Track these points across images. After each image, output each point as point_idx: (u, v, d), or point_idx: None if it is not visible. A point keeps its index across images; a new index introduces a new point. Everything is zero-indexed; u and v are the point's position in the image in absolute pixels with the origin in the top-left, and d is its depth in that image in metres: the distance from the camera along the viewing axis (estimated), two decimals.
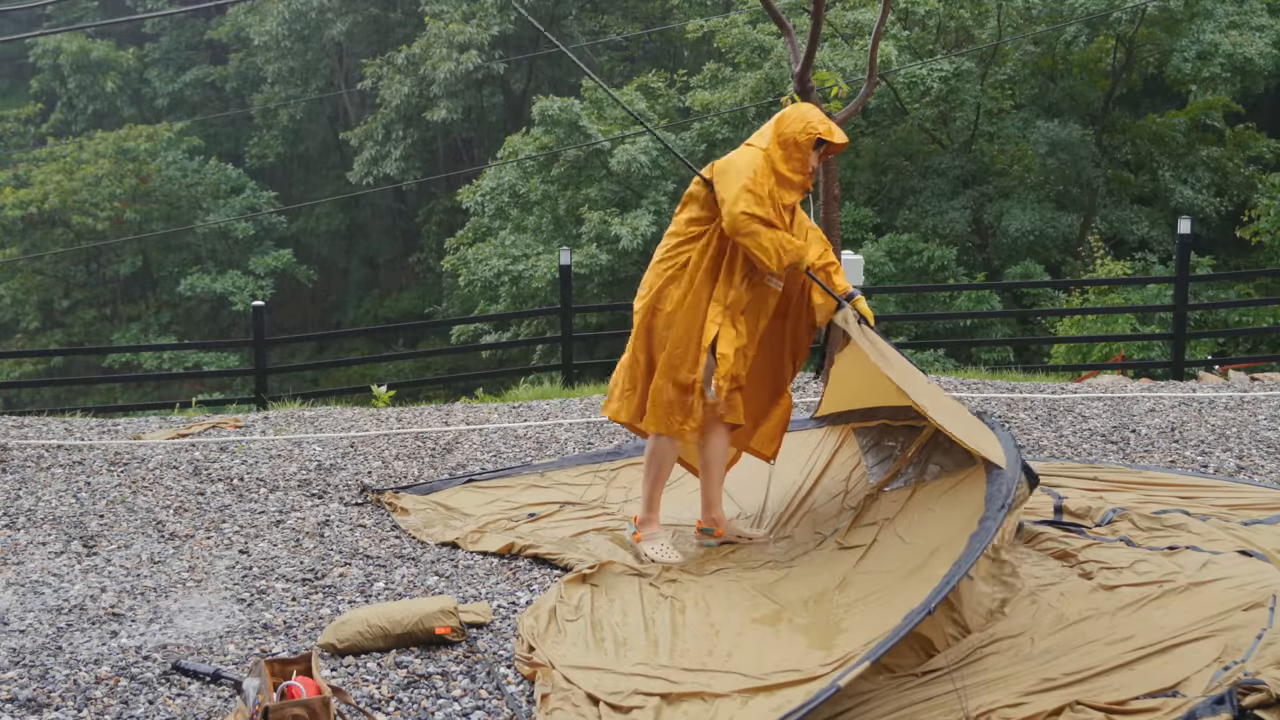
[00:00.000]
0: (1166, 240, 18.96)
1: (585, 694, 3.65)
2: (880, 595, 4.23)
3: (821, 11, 8.68)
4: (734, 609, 4.35)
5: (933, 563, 4.21)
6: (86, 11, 33.16)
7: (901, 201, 20.91)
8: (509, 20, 26.51)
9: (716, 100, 21.00)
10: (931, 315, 17.67)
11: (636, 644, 4.06)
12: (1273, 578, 4.23)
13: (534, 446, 7.49)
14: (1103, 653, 3.75)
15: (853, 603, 4.27)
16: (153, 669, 3.99)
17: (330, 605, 4.62)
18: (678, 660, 3.91)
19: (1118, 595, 4.22)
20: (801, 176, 4.95)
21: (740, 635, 4.11)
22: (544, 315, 19.19)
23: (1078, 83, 20.98)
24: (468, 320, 21.41)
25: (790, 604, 4.39)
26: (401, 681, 3.88)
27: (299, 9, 29.63)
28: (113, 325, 28.77)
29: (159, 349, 24.74)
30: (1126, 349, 14.32)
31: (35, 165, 28.04)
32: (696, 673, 3.79)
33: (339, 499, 6.30)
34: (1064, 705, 3.38)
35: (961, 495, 4.59)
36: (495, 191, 22.29)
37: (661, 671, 3.80)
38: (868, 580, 4.45)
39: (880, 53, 15.35)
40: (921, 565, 4.27)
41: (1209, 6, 18.81)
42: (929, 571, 4.14)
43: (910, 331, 18.02)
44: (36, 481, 6.65)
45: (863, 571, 4.57)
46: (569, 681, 3.73)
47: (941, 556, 4.20)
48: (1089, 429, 7.41)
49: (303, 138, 33.22)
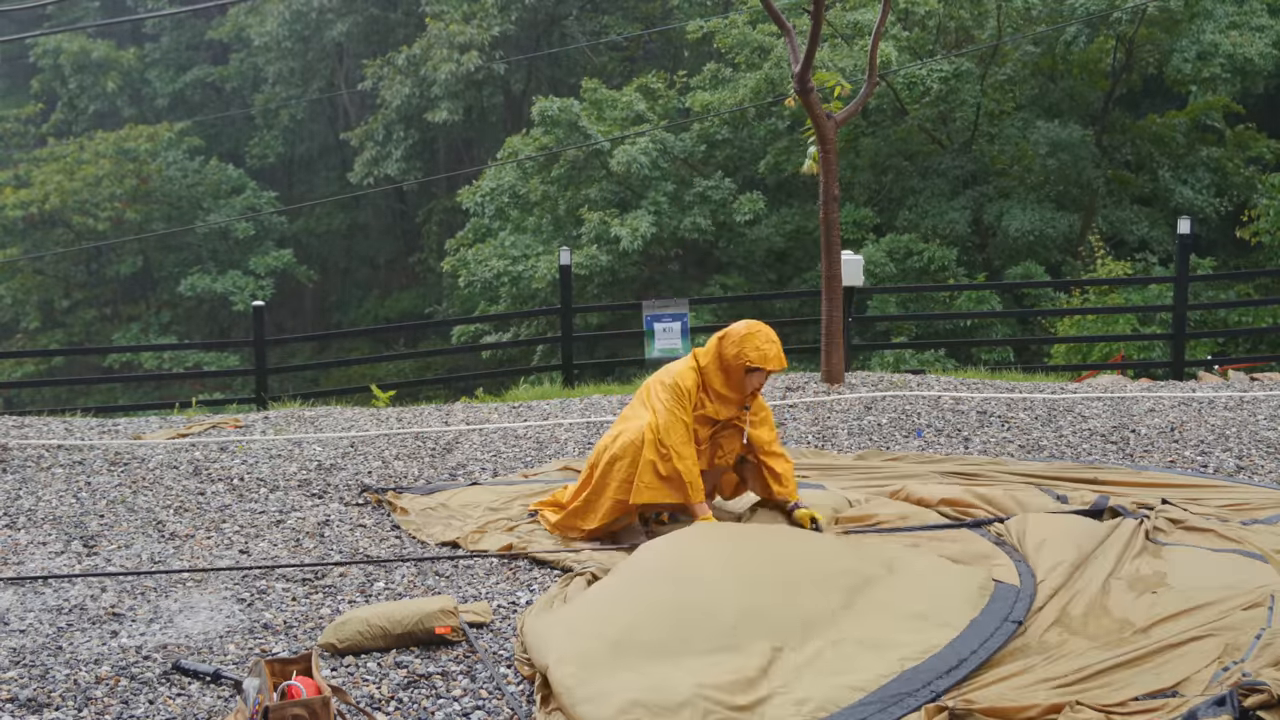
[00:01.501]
0: (1166, 240, 18.95)
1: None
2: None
3: (821, 12, 8.68)
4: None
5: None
6: (87, 11, 33.16)
7: (901, 202, 20.91)
8: (509, 21, 26.52)
9: (716, 101, 21.00)
10: (932, 315, 17.67)
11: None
12: (1271, 578, 4.23)
13: (534, 446, 7.50)
14: (1102, 652, 3.75)
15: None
16: (153, 669, 3.99)
17: (330, 605, 4.62)
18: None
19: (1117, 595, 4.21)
20: (737, 395, 5.29)
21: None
22: (544, 315, 19.19)
23: (1078, 83, 20.98)
24: (468, 320, 21.41)
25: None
26: (401, 681, 3.88)
27: (299, 9, 29.64)
28: (113, 325, 28.77)
29: (159, 349, 24.75)
30: (1126, 349, 14.32)
31: (36, 165, 28.05)
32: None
33: (339, 499, 6.30)
34: (1063, 704, 3.38)
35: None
36: (495, 192, 22.28)
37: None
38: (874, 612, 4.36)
39: (880, 53, 15.35)
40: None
41: (1209, 7, 18.80)
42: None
43: (910, 331, 18.02)
44: (37, 481, 6.65)
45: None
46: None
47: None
48: (1089, 429, 7.41)
49: (303, 138, 33.22)
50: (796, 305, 19.27)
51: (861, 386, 8.99)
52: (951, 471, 6.28)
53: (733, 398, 5.26)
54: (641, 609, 3.99)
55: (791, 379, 9.41)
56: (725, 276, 21.28)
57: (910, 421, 7.83)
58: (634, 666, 3.64)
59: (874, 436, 7.51)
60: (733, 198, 20.68)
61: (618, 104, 21.90)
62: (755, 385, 5.28)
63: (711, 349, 5.32)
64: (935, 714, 3.40)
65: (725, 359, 5.25)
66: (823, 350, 9.15)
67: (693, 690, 3.47)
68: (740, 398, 5.27)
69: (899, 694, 3.54)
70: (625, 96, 22.06)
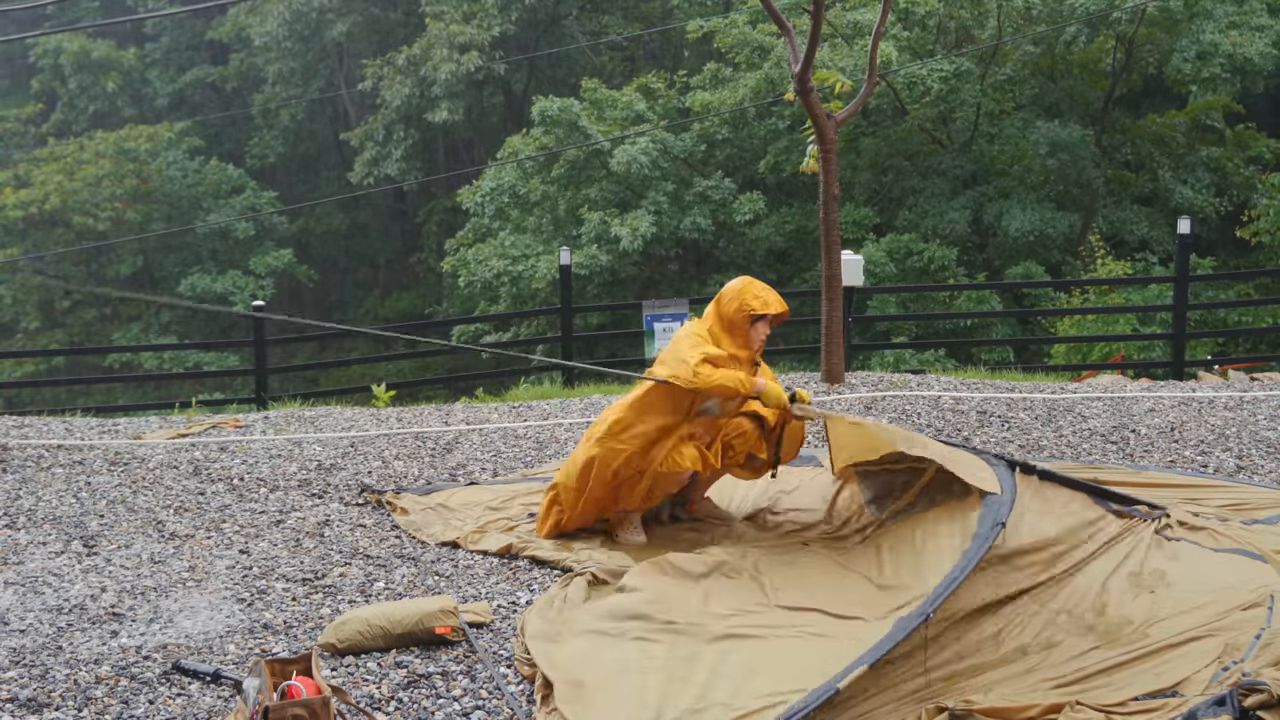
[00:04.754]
0: (1166, 240, 18.95)
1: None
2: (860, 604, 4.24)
3: (821, 12, 8.68)
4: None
5: (922, 578, 4.22)
6: (87, 11, 33.15)
7: (901, 201, 20.91)
8: (509, 21, 26.51)
9: (716, 101, 20.99)
10: (932, 315, 17.68)
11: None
12: (1271, 578, 4.23)
13: (534, 446, 7.50)
14: (1102, 652, 3.75)
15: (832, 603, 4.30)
16: (153, 669, 3.99)
17: (330, 605, 4.62)
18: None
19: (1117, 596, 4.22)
20: (747, 351, 5.31)
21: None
22: (544, 315, 19.18)
23: (1078, 83, 20.97)
24: (468, 320, 21.41)
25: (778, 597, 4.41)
26: (401, 681, 3.88)
27: (299, 9, 29.63)
28: (113, 325, 28.76)
29: (159, 349, 24.74)
30: (1126, 349, 14.32)
31: (36, 165, 28.04)
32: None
33: (339, 499, 6.31)
34: (1063, 704, 3.38)
35: (956, 518, 4.61)
36: (495, 192, 22.28)
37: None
38: (855, 585, 4.46)
39: (880, 53, 15.35)
40: (906, 584, 4.28)
41: (1209, 6, 18.80)
42: (916, 588, 4.16)
43: (910, 331, 18.02)
44: (37, 481, 6.65)
45: (850, 578, 4.57)
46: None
47: (927, 574, 4.21)
48: (1089, 429, 7.41)
49: (303, 138, 33.22)
50: (796, 305, 19.25)
51: (861, 386, 8.99)
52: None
53: (742, 355, 5.29)
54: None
55: (791, 379, 9.41)
56: (725, 276, 21.25)
57: (910, 421, 7.83)
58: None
59: None
60: (733, 197, 20.68)
61: (618, 104, 21.90)
62: (762, 336, 5.34)
63: (710, 313, 5.39)
64: (936, 714, 3.41)
65: (727, 316, 5.30)
66: (823, 350, 9.15)
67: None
68: (750, 354, 5.32)
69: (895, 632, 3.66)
70: (625, 96, 22.05)
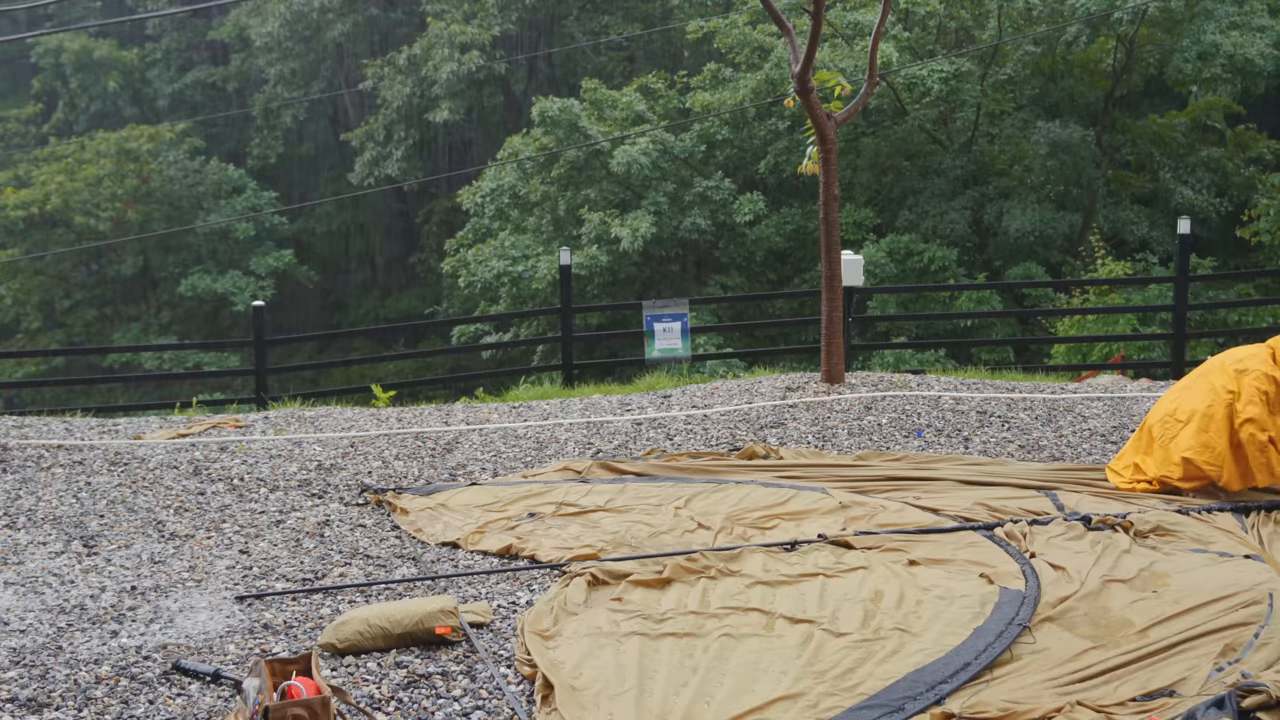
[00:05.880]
0: (1167, 240, 18.95)
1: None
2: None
3: (821, 12, 8.68)
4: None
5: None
6: (88, 11, 33.17)
7: (902, 202, 20.90)
8: (510, 21, 26.51)
9: (716, 101, 20.99)
10: (932, 315, 17.67)
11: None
12: (1269, 578, 4.23)
13: (534, 446, 7.50)
14: (1102, 652, 3.75)
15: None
16: (153, 669, 3.99)
17: (330, 605, 4.62)
18: None
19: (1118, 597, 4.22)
20: None
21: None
22: (544, 315, 19.18)
23: (1078, 83, 20.96)
24: (468, 320, 21.41)
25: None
26: (401, 681, 3.89)
27: (300, 10, 29.64)
28: (113, 325, 28.78)
29: (159, 349, 24.75)
30: (1126, 349, 14.32)
31: (37, 165, 28.06)
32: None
33: (339, 499, 6.31)
34: (1062, 704, 3.38)
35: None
36: (495, 193, 22.28)
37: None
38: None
39: (880, 53, 15.35)
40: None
41: (1210, 7, 18.79)
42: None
43: (911, 331, 18.02)
44: (37, 481, 6.65)
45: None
46: None
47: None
48: (1089, 429, 7.42)
49: (304, 138, 33.24)
50: (796, 305, 19.27)
51: (862, 386, 8.99)
52: (945, 477, 6.27)
53: None
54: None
55: (791, 379, 9.41)
56: (725, 277, 21.28)
57: (910, 421, 7.83)
58: None
59: (874, 437, 7.51)
60: (733, 198, 20.68)
61: (618, 104, 21.90)
62: None
63: (1262, 354, 5.32)
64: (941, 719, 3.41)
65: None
66: (823, 350, 9.15)
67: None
68: None
69: (903, 697, 3.54)
70: (625, 96, 22.05)
